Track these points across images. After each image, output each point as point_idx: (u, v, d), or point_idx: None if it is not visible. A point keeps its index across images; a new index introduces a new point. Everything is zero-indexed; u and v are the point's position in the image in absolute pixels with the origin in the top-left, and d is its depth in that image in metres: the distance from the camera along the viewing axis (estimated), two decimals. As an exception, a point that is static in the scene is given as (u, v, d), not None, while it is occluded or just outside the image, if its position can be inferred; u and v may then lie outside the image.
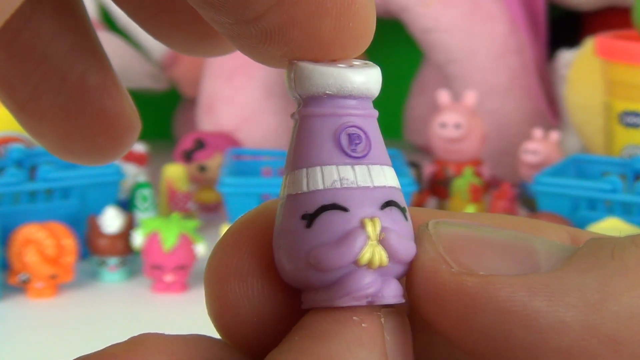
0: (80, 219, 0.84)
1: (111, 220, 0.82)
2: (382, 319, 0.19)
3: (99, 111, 0.22)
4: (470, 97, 0.97)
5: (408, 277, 0.19)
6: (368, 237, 0.18)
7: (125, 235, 0.82)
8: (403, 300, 0.19)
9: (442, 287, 0.18)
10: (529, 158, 0.96)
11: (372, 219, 0.19)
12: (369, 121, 0.20)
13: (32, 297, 0.79)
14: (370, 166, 0.19)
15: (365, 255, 0.18)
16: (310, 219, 0.19)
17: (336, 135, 0.19)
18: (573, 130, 1.07)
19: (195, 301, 0.78)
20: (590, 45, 1.01)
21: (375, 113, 0.20)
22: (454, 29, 1.09)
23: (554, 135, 0.97)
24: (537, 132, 0.97)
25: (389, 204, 0.19)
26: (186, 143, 1.01)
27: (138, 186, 0.89)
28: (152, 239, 0.80)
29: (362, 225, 0.19)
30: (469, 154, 0.98)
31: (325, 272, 0.19)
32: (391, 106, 1.26)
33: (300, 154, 0.19)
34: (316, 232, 0.19)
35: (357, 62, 0.20)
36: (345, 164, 0.19)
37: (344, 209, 0.19)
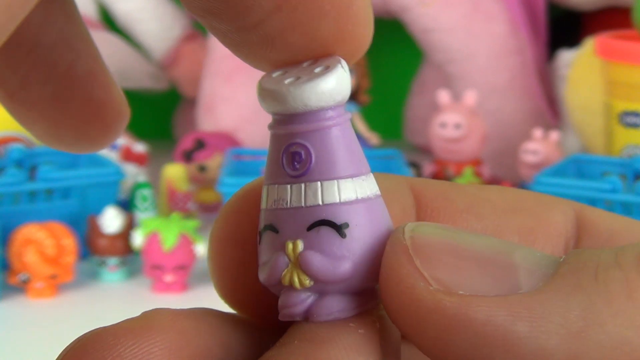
0: (80, 219, 0.84)
1: (111, 220, 0.82)
2: (378, 324, 0.19)
3: (88, 99, 0.22)
4: (470, 97, 0.97)
5: (384, 290, 0.19)
6: (289, 260, 0.19)
7: (125, 235, 0.82)
8: (346, 316, 0.19)
9: (419, 304, 0.18)
10: (529, 158, 0.96)
11: (294, 241, 0.19)
12: (318, 135, 0.19)
13: (32, 297, 0.79)
14: (307, 184, 0.19)
15: (286, 277, 0.19)
16: (259, 236, 0.20)
17: (280, 153, 0.20)
18: (573, 130, 1.07)
19: (195, 301, 0.78)
20: (590, 45, 1.01)
21: (331, 123, 0.19)
22: (454, 29, 1.09)
23: (554, 135, 0.97)
24: (537, 132, 0.97)
25: (318, 223, 0.19)
26: (186, 143, 1.01)
27: (138, 186, 0.89)
28: (152, 239, 0.80)
29: (284, 248, 0.19)
30: (469, 154, 0.98)
31: (269, 288, 0.20)
32: (391, 106, 1.26)
33: (264, 170, 0.20)
34: (260, 250, 0.20)
35: (318, 69, 0.19)
36: (285, 182, 0.19)
37: (276, 231, 0.19)
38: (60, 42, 0.21)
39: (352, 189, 0.19)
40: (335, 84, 0.19)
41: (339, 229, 0.19)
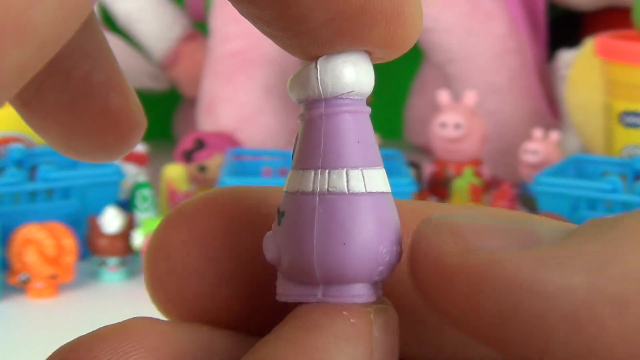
0: (80, 219, 0.84)
1: (111, 220, 0.82)
2: (372, 316, 0.19)
3: (104, 109, 0.22)
4: (470, 97, 0.97)
5: (412, 262, 0.19)
6: None
7: (125, 235, 0.82)
8: (287, 300, 0.20)
9: (448, 268, 0.18)
10: (529, 158, 0.96)
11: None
12: (304, 125, 0.20)
13: (32, 297, 0.79)
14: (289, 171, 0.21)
15: None
16: None
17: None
18: (573, 130, 1.07)
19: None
20: (590, 45, 1.01)
21: (308, 115, 0.20)
22: (454, 29, 1.09)
23: (554, 135, 0.97)
24: (537, 132, 0.97)
25: (277, 209, 0.20)
26: (186, 143, 1.01)
27: (138, 186, 0.89)
28: (152, 239, 0.80)
29: None
30: (469, 154, 0.98)
31: None
32: (391, 106, 1.26)
33: None
34: None
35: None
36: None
37: None
38: (77, 51, 0.21)
39: (297, 181, 0.20)
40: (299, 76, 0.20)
41: (279, 216, 0.20)
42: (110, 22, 1.19)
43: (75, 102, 0.21)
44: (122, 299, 0.80)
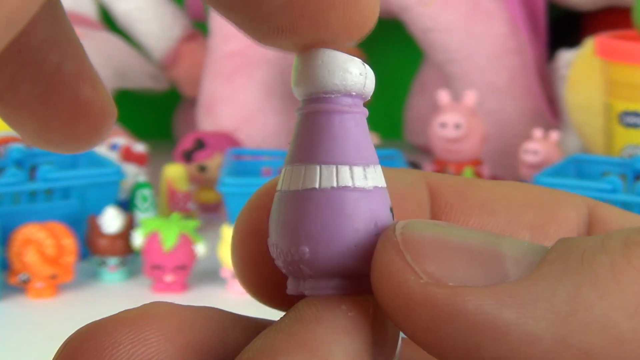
0: (80, 219, 0.84)
1: (111, 220, 0.82)
2: (372, 310, 0.19)
3: (76, 100, 0.22)
4: (470, 97, 0.97)
5: (376, 285, 0.19)
6: None
7: (125, 235, 0.82)
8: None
9: (410, 297, 0.18)
10: (529, 158, 0.96)
11: None
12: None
13: (32, 297, 0.79)
14: None
15: None
16: None
17: None
18: (573, 130, 1.07)
19: (195, 301, 0.78)
20: (590, 45, 1.01)
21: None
22: (453, 28, 1.09)
23: (554, 135, 0.97)
24: (537, 132, 0.97)
25: None
26: (186, 143, 1.01)
27: (138, 186, 0.89)
28: (152, 239, 0.80)
29: None
30: (469, 154, 0.98)
31: None
32: (391, 106, 1.26)
33: None
34: None
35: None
36: None
37: None
38: (48, 43, 0.21)
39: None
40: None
41: None
42: (110, 22, 1.19)
43: (47, 93, 0.22)
44: (122, 299, 0.80)
